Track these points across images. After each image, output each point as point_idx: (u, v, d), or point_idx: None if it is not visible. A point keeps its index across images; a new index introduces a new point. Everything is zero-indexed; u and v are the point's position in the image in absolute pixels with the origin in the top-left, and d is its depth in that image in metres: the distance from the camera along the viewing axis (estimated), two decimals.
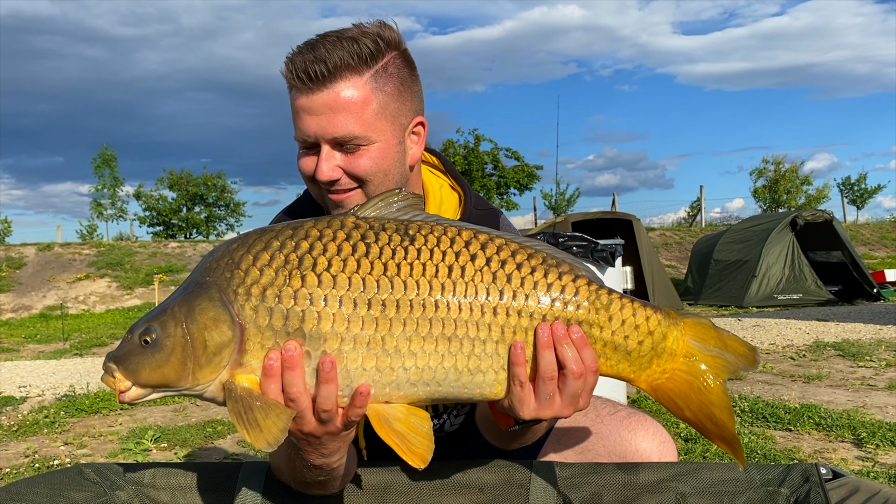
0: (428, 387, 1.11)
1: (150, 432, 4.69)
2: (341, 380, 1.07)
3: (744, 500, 1.38)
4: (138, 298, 16.64)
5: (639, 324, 1.17)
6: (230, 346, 1.06)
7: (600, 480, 1.42)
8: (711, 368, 1.17)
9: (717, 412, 1.16)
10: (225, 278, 1.09)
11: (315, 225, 1.13)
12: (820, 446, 4.11)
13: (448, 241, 1.13)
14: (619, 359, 1.18)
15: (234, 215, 31.23)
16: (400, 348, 1.08)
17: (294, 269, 1.08)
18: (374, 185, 1.42)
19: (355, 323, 1.07)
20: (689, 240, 20.75)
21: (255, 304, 1.07)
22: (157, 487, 1.45)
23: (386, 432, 1.10)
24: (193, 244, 20.49)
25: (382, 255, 1.10)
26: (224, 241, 1.18)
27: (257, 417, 1.05)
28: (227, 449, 4.48)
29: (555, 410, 1.15)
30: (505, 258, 1.14)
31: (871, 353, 7.29)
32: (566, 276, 1.15)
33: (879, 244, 21.95)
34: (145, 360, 1.07)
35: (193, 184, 29.72)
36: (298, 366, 1.05)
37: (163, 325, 1.08)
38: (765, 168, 32.79)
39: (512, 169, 27.12)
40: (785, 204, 31.34)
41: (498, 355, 1.12)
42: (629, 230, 12.56)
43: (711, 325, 1.19)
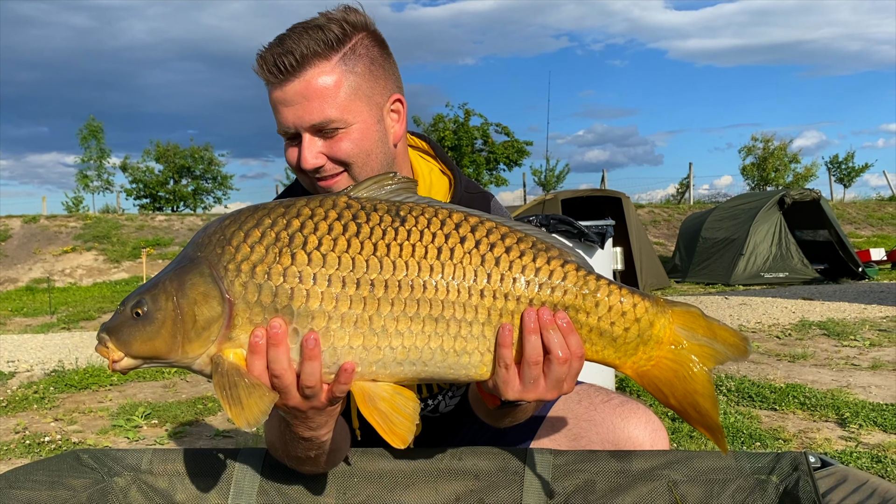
0: (414, 366, 1.13)
1: (140, 409, 4.70)
2: (328, 357, 1.10)
3: (734, 487, 1.40)
4: (125, 272, 16.57)
5: (626, 311, 1.18)
6: (219, 322, 1.09)
7: (593, 468, 1.44)
8: (698, 357, 1.18)
9: (701, 401, 1.17)
10: (216, 254, 1.11)
11: (307, 204, 1.15)
12: (804, 426, 4.17)
13: (438, 223, 1.14)
14: (605, 345, 1.19)
15: (221, 188, 31.06)
16: (387, 328, 1.10)
17: (284, 246, 1.10)
18: (358, 167, 1.44)
19: (343, 301, 1.09)
20: (677, 217, 20.83)
21: (245, 280, 1.09)
22: (154, 473, 1.47)
23: (369, 411, 1.12)
24: (181, 217, 20.39)
25: (372, 234, 1.11)
26: (218, 217, 1.19)
27: (241, 395, 1.07)
28: (217, 426, 4.50)
29: (538, 393, 1.17)
30: (494, 241, 1.15)
31: (855, 332, 7.37)
32: (555, 260, 1.16)
33: (865, 223, 22.12)
34: (136, 331, 1.10)
35: (180, 156, 29.48)
36: (283, 343, 1.07)
37: (154, 298, 1.10)
38: (753, 146, 32.88)
39: (502, 144, 27.03)
40: (773, 182, 31.48)
41: (484, 337, 1.14)
42: (618, 208, 12.59)
43: (701, 314, 1.20)
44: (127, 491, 1.44)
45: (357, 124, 1.41)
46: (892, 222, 22.12)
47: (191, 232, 18.93)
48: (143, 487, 1.45)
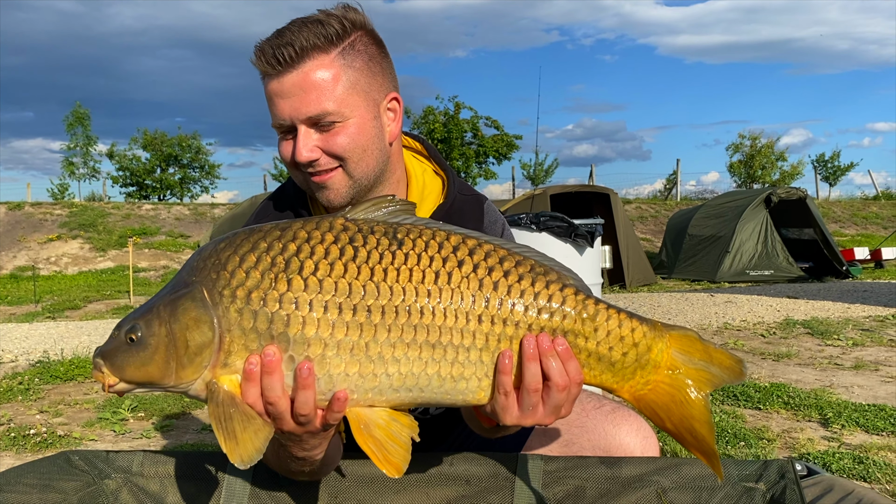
0: (411, 392, 1.12)
1: (126, 402, 4.68)
2: (324, 385, 1.09)
3: (722, 495, 1.42)
4: (111, 261, 16.47)
5: (624, 335, 1.17)
6: (210, 347, 1.08)
7: (584, 474, 1.45)
8: (695, 382, 1.18)
9: (698, 426, 1.16)
10: (211, 279, 1.10)
11: (304, 226, 1.14)
12: (788, 426, 4.22)
13: (436, 246, 1.13)
14: (603, 369, 1.18)
15: (209, 177, 30.89)
16: (384, 354, 1.09)
17: (280, 272, 1.08)
18: (353, 163, 1.43)
19: (340, 328, 1.08)
20: (664, 213, 20.92)
21: (240, 306, 1.08)
22: (145, 476, 1.46)
23: (364, 438, 1.10)
24: (168, 206, 20.27)
25: (370, 259, 1.10)
26: (213, 240, 1.18)
27: (235, 429, 1.06)
28: (204, 420, 4.49)
29: (536, 419, 1.17)
30: (492, 265, 1.14)
31: (838, 331, 7.45)
32: (553, 284, 1.16)
33: (850, 222, 22.31)
34: (130, 357, 1.09)
35: (168, 144, 29.28)
36: (277, 371, 1.06)
37: (147, 323, 1.09)
38: (741, 143, 33.05)
39: (491, 138, 27.03)
40: (760, 179, 31.66)
41: (482, 363, 1.13)
42: (606, 204, 12.64)
43: (698, 338, 1.20)
44: (118, 493, 1.44)
45: (354, 119, 1.40)
46: (876, 221, 22.32)
47: (178, 221, 18.84)
48: (135, 490, 1.44)
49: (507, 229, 1.69)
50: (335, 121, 1.39)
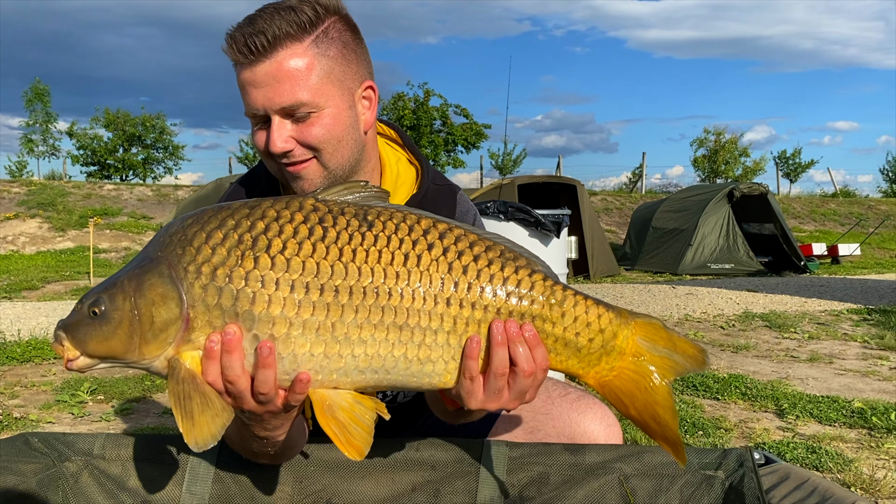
0: (376, 374, 1.12)
1: (85, 384, 4.61)
2: (288, 364, 1.08)
3: (682, 482, 1.45)
4: (71, 241, 16.14)
5: (590, 321, 1.18)
6: (176, 324, 1.07)
7: (548, 461, 1.47)
8: (659, 369, 1.20)
9: (661, 412, 1.18)
10: (176, 255, 1.09)
11: (273, 205, 1.13)
12: (745, 416, 4.31)
13: (406, 229, 1.13)
14: (569, 355, 1.19)
15: (172, 158, 30.44)
16: (350, 335, 1.09)
17: (247, 249, 1.08)
18: (328, 154, 1.42)
19: (306, 308, 1.07)
20: (629, 205, 21.13)
21: (205, 282, 1.07)
22: (106, 459, 1.45)
23: (327, 420, 1.10)
24: (130, 187, 19.91)
25: (339, 239, 1.10)
26: (180, 217, 1.17)
27: (194, 409, 1.05)
28: (165, 403, 4.44)
29: (501, 403, 1.17)
30: (462, 249, 1.14)
31: (795, 325, 7.62)
32: (522, 270, 1.16)
33: (809, 218, 22.78)
34: (93, 331, 1.07)
35: (131, 124, 28.73)
36: (237, 349, 1.06)
37: (111, 297, 1.08)
38: (706, 138, 33.50)
39: (460, 126, 27.00)
40: (723, 174, 32.16)
41: (449, 346, 1.13)
42: (573, 195, 12.72)
43: (662, 326, 1.22)
44: (78, 476, 1.42)
45: (328, 109, 1.38)
46: (833, 218, 22.82)
47: (140, 202, 18.51)
48: (95, 473, 1.42)
49: (479, 220, 1.69)
50: (310, 111, 1.37)
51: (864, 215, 21.87)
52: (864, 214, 22.13)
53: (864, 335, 7.06)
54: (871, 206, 24.49)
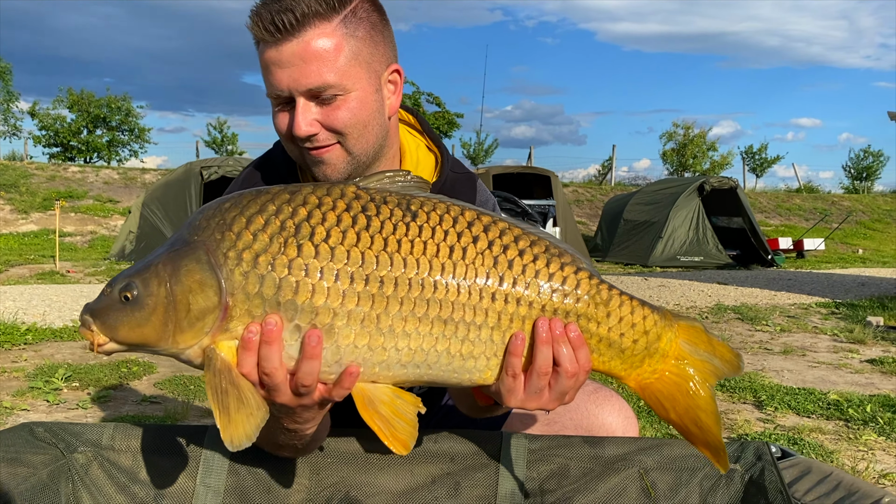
0: (418, 369, 1.09)
1: (60, 370, 4.50)
2: (330, 356, 1.04)
3: (702, 476, 1.44)
4: (35, 224, 15.76)
5: (636, 322, 1.16)
6: (214, 313, 1.02)
7: (568, 453, 1.46)
8: (700, 373, 1.18)
9: (704, 416, 1.16)
10: (215, 240, 1.04)
11: (314, 191, 1.08)
12: (725, 408, 4.36)
13: (450, 221, 1.09)
14: (613, 356, 1.17)
15: (138, 141, 29.85)
16: (394, 328, 1.05)
17: (290, 236, 1.03)
18: (353, 139, 1.37)
19: (350, 298, 1.03)
20: (599, 198, 21.27)
21: (246, 269, 1.02)
22: (116, 450, 1.40)
23: (370, 415, 1.07)
24: (96, 169, 19.50)
25: (383, 229, 1.06)
26: (215, 199, 1.11)
27: (230, 405, 1.01)
28: (143, 391, 4.35)
29: (541, 403, 1.15)
30: (507, 243, 1.11)
31: (766, 317, 7.74)
32: (568, 267, 1.14)
33: (775, 212, 23.15)
34: (124, 317, 1.02)
35: (95, 105, 28.10)
36: (276, 341, 1.02)
37: (145, 282, 1.03)
38: (675, 132, 33.83)
39: (432, 115, 26.90)
40: (691, 168, 32.52)
41: (492, 342, 1.10)
42: (547, 186, 12.78)
43: (704, 330, 1.20)
44: (87, 468, 1.37)
45: (355, 92, 1.34)
46: (798, 213, 23.23)
47: (106, 185, 18.14)
48: (105, 465, 1.37)
49: (497, 209, 1.67)
50: (336, 94, 1.32)
51: (827, 210, 22.29)
52: (828, 210, 22.57)
53: (834, 328, 7.20)
54: (835, 201, 24.98)
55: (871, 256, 17.45)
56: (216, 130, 31.11)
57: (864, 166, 35.63)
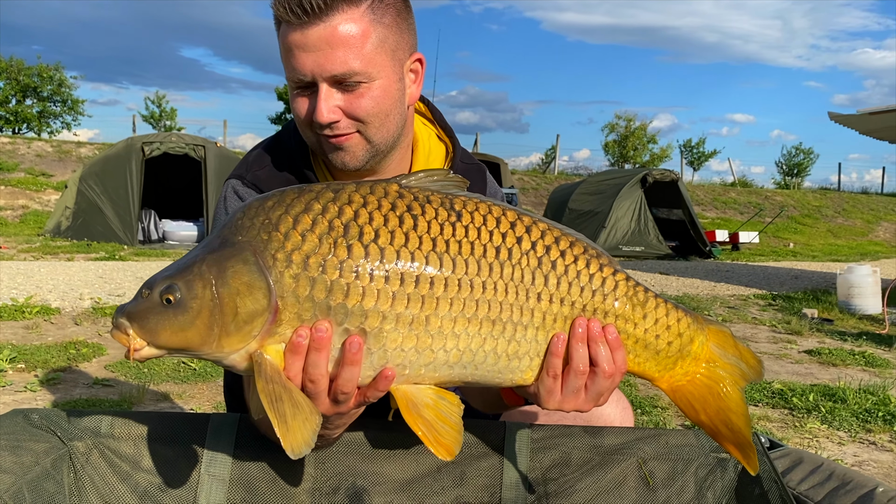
0: (465, 369, 1.09)
1: (5, 351, 4.33)
2: (376, 360, 1.03)
3: (696, 465, 1.49)
4: None
5: (670, 324, 1.18)
6: (263, 316, 0.99)
7: (569, 442, 1.48)
8: (730, 375, 1.21)
9: (735, 418, 1.19)
10: (261, 240, 1.00)
11: (357, 190, 1.06)
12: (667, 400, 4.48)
13: (494, 221, 1.10)
14: (648, 357, 1.19)
15: (71, 113, 28.74)
16: (443, 329, 1.05)
17: (339, 237, 1.01)
18: (374, 128, 1.36)
19: (400, 300, 1.02)
20: (544, 186, 21.51)
21: (297, 272, 0.99)
22: (116, 438, 1.36)
23: (414, 419, 1.05)
24: (27, 141, 18.69)
25: (430, 229, 1.05)
26: (255, 198, 1.08)
27: (286, 413, 0.98)
28: (94, 373, 4.23)
29: (577, 404, 1.16)
30: (549, 244, 1.12)
31: (708, 308, 7.98)
32: (606, 268, 1.15)
33: (711, 206, 23.82)
34: (167, 320, 0.98)
35: (25, 74, 26.93)
36: (326, 348, 1.00)
37: (189, 284, 0.98)
38: (617, 124, 34.43)
39: None
40: (631, 160, 33.18)
41: (536, 342, 1.11)
42: (496, 173, 12.85)
43: (731, 335, 1.23)
44: (88, 456, 1.33)
45: (379, 80, 1.32)
46: (734, 207, 23.95)
47: (39, 158, 17.42)
48: (107, 453, 1.33)
49: (504, 199, 1.68)
50: (360, 81, 1.30)
51: (761, 205, 23.05)
52: (762, 204, 23.33)
53: (772, 320, 7.47)
54: (768, 196, 25.83)
55: (801, 250, 18.15)
56: (154, 105, 30.24)
57: (795, 163, 36.97)
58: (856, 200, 26.42)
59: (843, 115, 9.04)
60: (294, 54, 1.29)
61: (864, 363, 5.60)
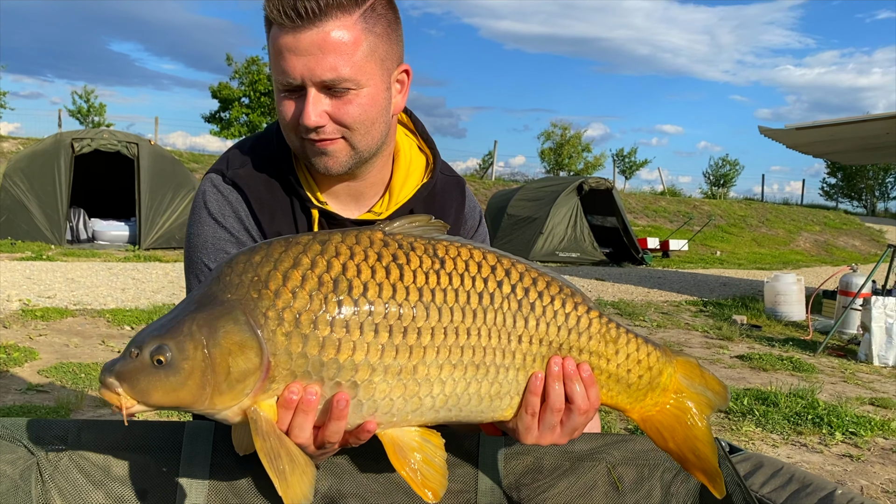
0: (449, 412, 1.11)
1: None
2: (366, 410, 1.05)
3: (662, 470, 1.54)
4: None
5: (641, 359, 1.23)
6: (256, 374, 0.99)
7: (541, 449, 1.51)
8: (697, 405, 1.26)
9: (701, 446, 1.23)
10: (252, 298, 1.00)
11: (343, 240, 1.07)
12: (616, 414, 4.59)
13: (475, 266, 1.12)
14: (620, 390, 1.23)
15: None
16: (430, 376, 1.07)
17: (329, 292, 1.01)
18: (359, 135, 1.37)
19: (389, 352, 1.04)
20: (482, 191, 21.67)
21: (288, 330, 0.99)
22: (85, 446, 1.32)
23: (401, 464, 1.08)
24: None
25: (416, 279, 1.06)
26: (241, 251, 1.07)
27: (285, 469, 1.00)
28: (27, 379, 4.07)
29: (553, 439, 1.19)
30: (528, 286, 1.15)
31: (643, 313, 8.20)
32: (581, 307, 1.19)
33: (643, 213, 24.41)
34: (158, 382, 0.97)
35: None
36: (313, 411, 1.01)
37: (179, 345, 0.97)
38: (553, 131, 34.99)
39: None
40: (567, 167, 33.76)
41: (517, 381, 1.14)
42: None
43: (698, 365, 1.28)
44: (57, 466, 1.29)
45: (367, 88, 1.33)
46: (664, 215, 24.60)
47: None
48: (79, 462, 1.29)
49: (481, 213, 1.71)
50: (349, 88, 1.31)
51: (690, 213, 23.76)
52: (691, 213, 24.05)
53: (703, 325, 7.72)
54: (696, 205, 26.62)
55: (727, 258, 18.77)
56: (82, 99, 29.19)
57: (721, 173, 38.24)
58: (778, 211, 27.51)
59: (773, 130, 9.42)
60: (284, 57, 1.29)
61: (791, 368, 5.85)
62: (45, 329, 5.43)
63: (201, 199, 1.50)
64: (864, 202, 40.69)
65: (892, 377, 5.86)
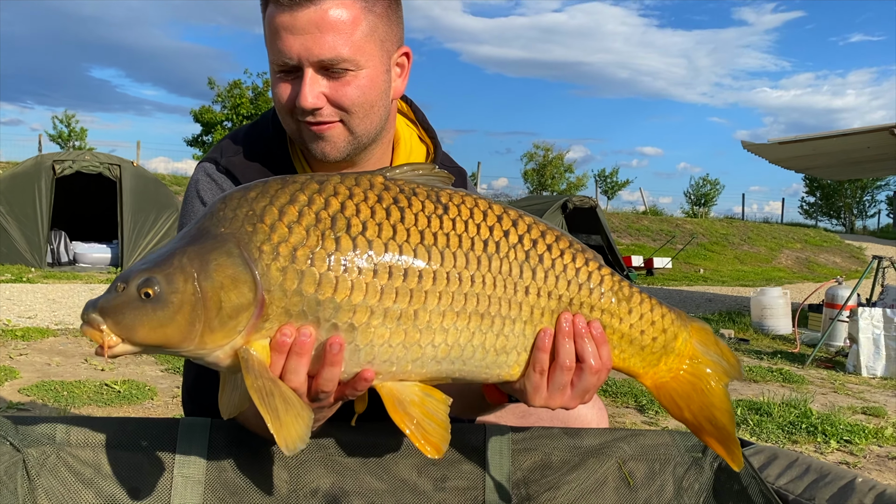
0: (452, 365, 1.05)
1: None
2: (363, 357, 0.99)
3: (674, 464, 1.49)
4: None
5: (655, 320, 1.18)
6: (249, 311, 0.93)
7: (549, 444, 1.46)
8: (713, 372, 1.21)
9: (719, 415, 1.18)
10: (246, 232, 0.95)
11: (343, 181, 1.02)
12: (612, 411, 4.55)
13: (480, 214, 1.07)
14: (633, 353, 1.18)
15: None
16: (432, 323, 1.01)
17: (327, 229, 0.97)
18: (357, 118, 1.32)
19: (389, 294, 0.98)
20: None
21: (284, 265, 0.94)
22: (73, 444, 1.26)
23: (401, 417, 1.02)
24: None
25: (418, 221, 1.02)
26: (235, 188, 1.02)
27: (278, 408, 0.93)
28: (8, 398, 3.96)
29: (563, 401, 1.14)
30: (536, 238, 1.10)
31: None
32: (592, 262, 1.14)
33: (626, 232, 24.52)
34: (144, 316, 0.91)
35: None
36: (308, 353, 0.96)
37: (169, 278, 0.92)
38: (535, 153, 35.23)
39: None
40: (549, 188, 33.94)
41: (524, 336, 1.09)
42: None
43: (712, 332, 1.24)
44: (44, 463, 1.22)
45: (366, 70, 1.29)
46: (647, 234, 24.73)
47: None
48: (67, 460, 1.23)
49: None
50: (348, 69, 1.27)
51: (673, 232, 23.89)
52: (674, 231, 24.19)
53: None
54: (678, 224, 26.79)
55: (710, 276, 18.84)
56: (63, 124, 29.03)
57: (702, 193, 38.59)
58: (759, 229, 27.73)
59: (755, 144, 9.50)
60: (281, 36, 1.25)
61: (782, 379, 5.83)
62: (26, 349, 5.31)
63: (194, 188, 1.45)
64: (843, 220, 41.19)
65: (881, 387, 5.86)
